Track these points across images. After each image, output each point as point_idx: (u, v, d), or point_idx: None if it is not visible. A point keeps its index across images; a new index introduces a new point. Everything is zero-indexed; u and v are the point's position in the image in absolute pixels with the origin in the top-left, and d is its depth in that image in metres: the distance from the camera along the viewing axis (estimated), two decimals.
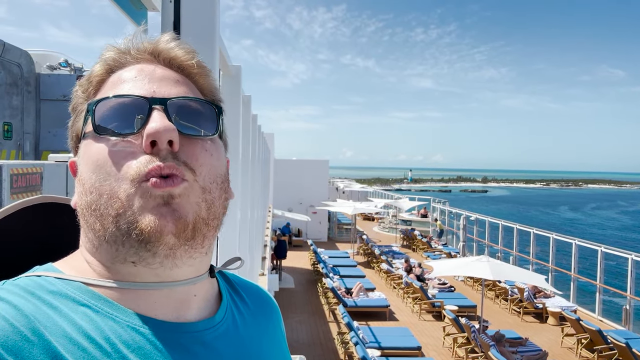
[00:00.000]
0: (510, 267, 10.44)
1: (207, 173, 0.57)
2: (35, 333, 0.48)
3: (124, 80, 0.59)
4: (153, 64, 0.61)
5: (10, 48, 6.53)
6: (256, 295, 0.75)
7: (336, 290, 11.69)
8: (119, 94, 0.57)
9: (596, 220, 64.58)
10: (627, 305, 11.04)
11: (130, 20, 2.18)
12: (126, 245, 0.53)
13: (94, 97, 0.59)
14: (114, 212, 0.53)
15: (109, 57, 0.61)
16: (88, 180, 0.55)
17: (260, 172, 7.67)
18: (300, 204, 23.42)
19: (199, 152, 0.57)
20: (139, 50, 0.61)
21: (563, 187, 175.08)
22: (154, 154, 0.54)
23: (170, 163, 0.54)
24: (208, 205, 0.57)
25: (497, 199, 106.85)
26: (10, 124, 6.57)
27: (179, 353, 0.55)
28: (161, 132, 0.53)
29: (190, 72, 0.63)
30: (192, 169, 0.55)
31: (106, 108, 0.56)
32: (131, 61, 0.61)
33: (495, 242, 17.46)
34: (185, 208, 0.54)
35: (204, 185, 0.57)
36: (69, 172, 3.63)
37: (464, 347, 9.13)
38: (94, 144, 0.56)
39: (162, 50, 0.62)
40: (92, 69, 0.62)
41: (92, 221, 0.55)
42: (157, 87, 0.58)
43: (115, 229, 0.53)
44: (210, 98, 0.64)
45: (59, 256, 0.61)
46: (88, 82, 0.61)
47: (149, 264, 0.54)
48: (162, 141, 0.53)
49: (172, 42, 0.63)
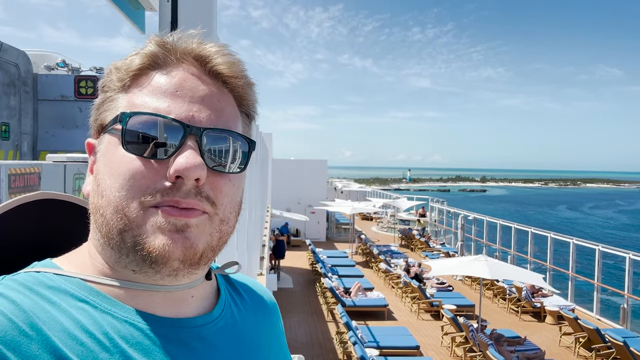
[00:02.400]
0: (508, 266, 10.46)
1: (228, 204, 0.58)
2: (33, 328, 0.48)
3: (164, 90, 0.56)
4: (197, 74, 0.58)
5: (7, 48, 6.51)
6: (255, 292, 0.76)
7: (335, 290, 11.69)
8: (155, 113, 0.54)
9: (594, 220, 64.69)
10: (624, 304, 11.07)
11: (127, 20, 2.18)
12: (130, 256, 0.54)
13: (129, 90, 0.57)
14: (120, 226, 0.53)
15: (151, 51, 0.57)
16: (103, 182, 0.55)
17: (259, 172, 7.67)
18: (298, 204, 23.41)
19: (223, 184, 0.56)
20: (185, 52, 0.58)
21: (561, 186, 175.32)
22: (177, 186, 0.53)
23: (191, 200, 0.53)
24: (221, 235, 0.57)
25: (496, 198, 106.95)
26: (8, 124, 6.55)
27: (177, 348, 0.56)
28: (189, 169, 0.52)
29: (232, 84, 0.60)
30: (214, 203, 0.55)
31: (139, 121, 0.54)
32: (174, 62, 0.58)
33: (494, 241, 17.48)
34: (197, 237, 0.54)
35: (223, 217, 0.57)
36: (67, 172, 3.59)
37: (462, 346, 9.15)
38: (119, 150, 0.55)
39: (210, 60, 0.59)
40: (132, 58, 0.58)
41: (100, 223, 0.55)
42: (197, 110, 0.55)
43: (120, 241, 0.53)
44: (246, 111, 0.63)
45: (57, 252, 0.61)
46: (126, 72, 0.57)
47: (149, 276, 0.55)
48: (189, 178, 0.52)
49: (221, 52, 0.59)
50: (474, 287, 14.30)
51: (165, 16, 1.72)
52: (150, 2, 2.15)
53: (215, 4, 1.85)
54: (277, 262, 15.21)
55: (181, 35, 0.59)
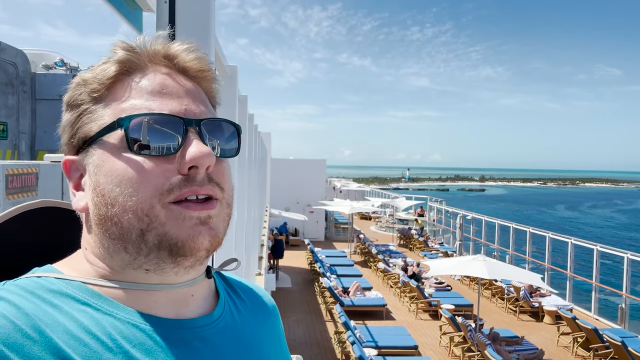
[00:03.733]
0: (507, 266, 10.47)
1: (229, 189, 0.61)
2: (36, 330, 0.48)
3: (150, 91, 0.57)
4: (171, 72, 0.60)
5: (5, 47, 6.50)
6: (253, 294, 0.76)
7: (333, 289, 11.70)
8: (153, 112, 0.55)
9: (593, 219, 64.79)
10: (622, 304, 11.10)
11: (125, 21, 2.18)
12: (150, 256, 0.54)
13: (106, 99, 0.57)
14: (142, 227, 0.53)
15: (123, 57, 0.57)
16: (110, 192, 0.54)
17: (257, 171, 7.66)
18: (297, 203, 23.41)
19: (224, 170, 0.60)
20: (154, 53, 0.59)
21: (560, 185, 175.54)
22: (190, 176, 0.55)
23: (208, 186, 0.56)
24: (229, 219, 0.61)
25: (495, 197, 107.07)
26: (6, 123, 6.54)
27: (180, 349, 0.56)
28: (202, 157, 0.54)
29: (200, 78, 0.63)
30: (222, 188, 0.59)
31: (139, 123, 0.54)
32: (147, 64, 0.59)
33: (492, 241, 17.51)
34: (218, 225, 0.58)
35: (229, 202, 0.61)
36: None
37: (461, 346, 9.16)
38: (122, 156, 0.54)
39: (177, 57, 0.60)
40: (103, 67, 0.58)
41: (113, 232, 0.55)
42: (187, 104, 0.58)
43: (141, 241, 0.54)
44: (213, 103, 0.66)
45: (58, 259, 0.61)
46: (99, 82, 0.57)
47: (163, 272, 0.56)
48: (202, 166, 0.55)
49: (187, 48, 0.61)
50: (472, 286, 14.32)
51: (162, 17, 1.72)
52: (148, 3, 2.15)
53: (212, 4, 1.84)
54: (276, 262, 15.22)
55: (146, 38, 0.60)
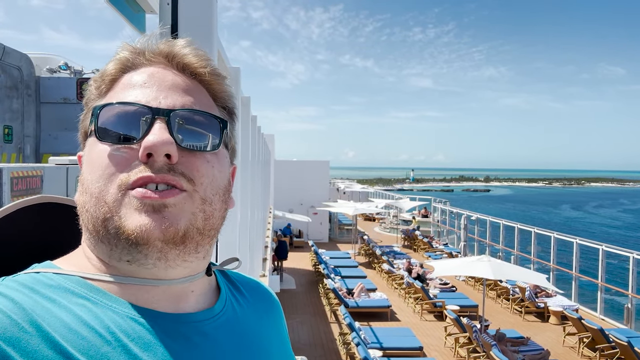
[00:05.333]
0: (512, 266, 10.43)
1: (209, 184, 0.58)
2: (33, 325, 0.49)
3: (134, 84, 0.59)
4: (166, 69, 0.61)
5: (10, 51, 6.54)
6: (255, 290, 0.76)
7: (337, 290, 11.68)
8: (123, 101, 0.57)
9: (598, 219, 64.43)
10: (629, 303, 11.03)
11: (128, 23, 2.19)
12: (119, 246, 0.55)
13: (106, 95, 0.61)
14: (102, 216, 0.55)
15: (123, 56, 0.61)
16: (85, 180, 0.57)
17: (261, 173, 7.67)
18: (301, 204, 23.41)
19: (199, 163, 0.58)
20: (153, 53, 0.61)
21: (565, 185, 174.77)
22: (149, 165, 0.54)
23: (166, 175, 0.54)
24: (206, 216, 0.58)
25: (500, 198, 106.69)
26: (11, 127, 6.58)
27: (179, 342, 0.56)
28: (158, 145, 0.54)
29: (203, 79, 0.63)
30: (191, 180, 0.56)
31: (110, 113, 0.57)
32: (144, 63, 0.61)
33: (497, 241, 17.44)
34: (177, 216, 0.55)
35: (205, 197, 0.58)
36: (69, 175, 3.62)
37: (466, 347, 9.12)
38: (96, 146, 0.57)
39: (177, 55, 0.61)
40: (106, 66, 0.62)
41: (86, 221, 0.57)
42: (164, 96, 0.58)
43: (104, 231, 0.55)
44: (222, 105, 0.65)
45: (58, 256, 0.62)
46: (101, 80, 0.62)
47: (142, 264, 0.55)
48: (158, 154, 0.54)
49: (187, 47, 0.63)
50: (477, 287, 14.26)
51: (165, 19, 1.73)
52: (151, 5, 2.16)
53: (215, 6, 1.85)
54: (280, 264, 15.22)
55: (150, 38, 0.63)
